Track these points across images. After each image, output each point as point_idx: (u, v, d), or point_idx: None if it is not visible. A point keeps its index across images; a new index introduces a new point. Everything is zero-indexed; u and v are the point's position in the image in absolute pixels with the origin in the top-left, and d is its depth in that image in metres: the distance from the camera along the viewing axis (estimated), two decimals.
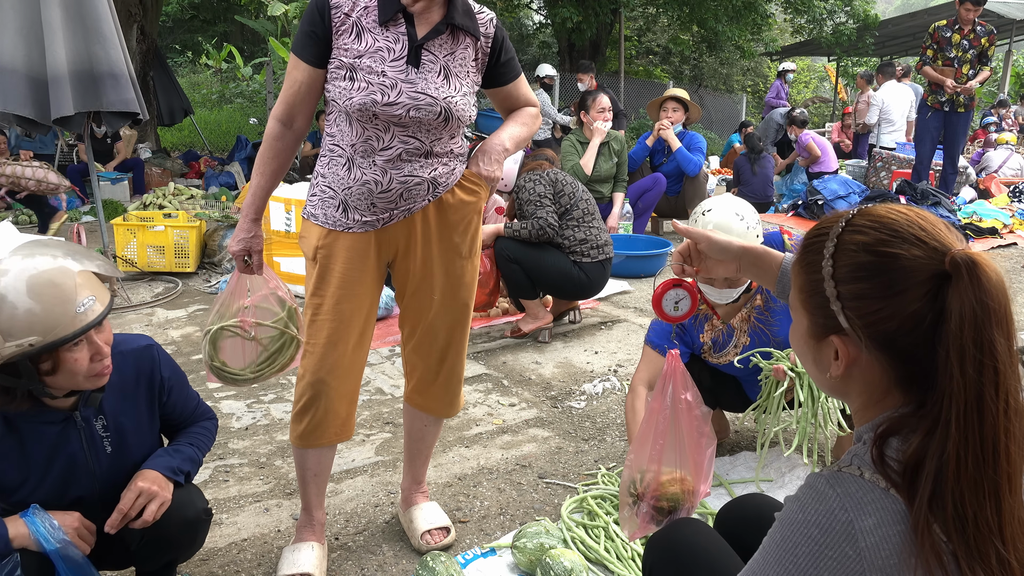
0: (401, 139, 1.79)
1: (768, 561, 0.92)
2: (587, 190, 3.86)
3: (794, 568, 0.89)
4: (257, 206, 1.90)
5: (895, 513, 0.86)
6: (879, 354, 0.91)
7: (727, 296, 2.30)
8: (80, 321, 1.43)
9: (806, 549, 0.88)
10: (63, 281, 1.43)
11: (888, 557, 0.84)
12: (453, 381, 2.11)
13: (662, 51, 21.02)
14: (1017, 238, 6.77)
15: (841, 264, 0.92)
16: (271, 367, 2.10)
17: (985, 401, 0.83)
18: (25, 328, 1.38)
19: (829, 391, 1.04)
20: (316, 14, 1.75)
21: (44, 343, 1.39)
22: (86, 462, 1.60)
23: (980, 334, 0.82)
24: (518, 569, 2.01)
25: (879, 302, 0.89)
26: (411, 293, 1.97)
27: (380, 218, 1.84)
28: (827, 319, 0.95)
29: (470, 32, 1.82)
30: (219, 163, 9.63)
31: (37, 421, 1.54)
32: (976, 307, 0.83)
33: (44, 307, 1.39)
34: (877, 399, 0.96)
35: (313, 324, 1.88)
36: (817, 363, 1.00)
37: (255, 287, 2.03)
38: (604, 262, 3.78)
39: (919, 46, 7.84)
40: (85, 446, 1.60)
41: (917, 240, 0.88)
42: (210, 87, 16.25)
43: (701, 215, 2.32)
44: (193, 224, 5.13)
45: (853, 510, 0.86)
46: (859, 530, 0.85)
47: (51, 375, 1.46)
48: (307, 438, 1.93)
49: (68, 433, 1.58)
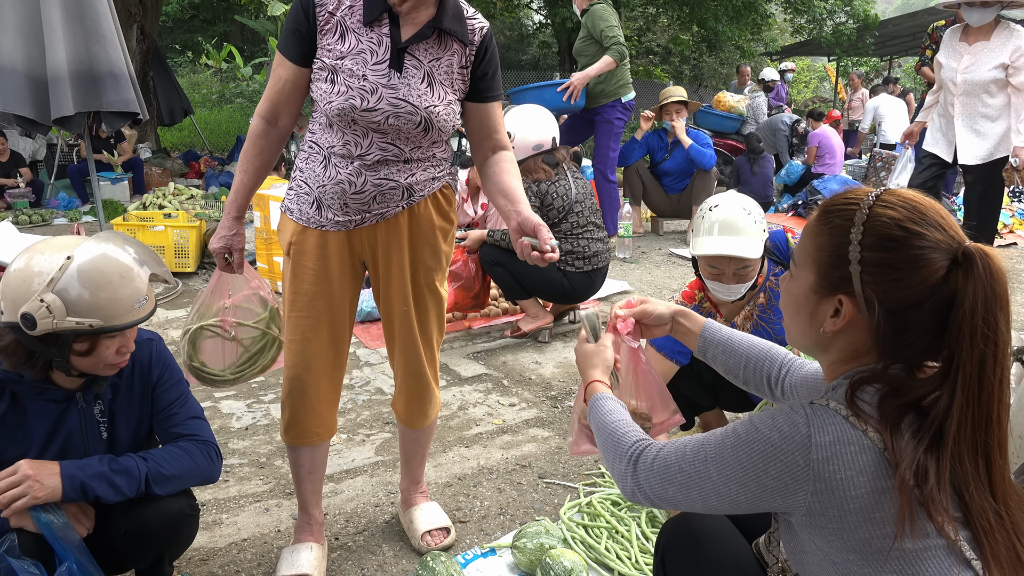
0: (380, 146, 1.75)
1: (726, 444, 1.08)
2: (587, 201, 3.76)
3: (747, 460, 1.04)
4: (240, 204, 1.87)
5: (852, 436, 0.99)
6: (882, 319, 1.02)
7: (735, 292, 2.29)
8: (134, 316, 1.55)
9: (762, 447, 1.03)
10: (134, 278, 1.56)
11: (835, 472, 0.98)
12: (418, 392, 2.03)
13: (662, 51, 21.01)
14: (1017, 238, 6.77)
15: (870, 232, 1.02)
16: (252, 368, 2.07)
17: (986, 373, 0.97)
18: (89, 309, 1.48)
19: (810, 345, 1.16)
20: (301, 12, 1.72)
21: (100, 327, 1.49)
22: (82, 442, 1.64)
23: (988, 314, 0.96)
24: (518, 569, 2.01)
25: (899, 272, 1.00)
26: (382, 300, 1.95)
27: (352, 219, 1.81)
28: (840, 279, 1.05)
29: (458, 38, 1.76)
30: (219, 163, 9.62)
31: (42, 398, 1.60)
32: (987, 292, 0.96)
33: (113, 297, 1.51)
34: (854, 357, 1.09)
35: (290, 319, 1.88)
36: (812, 318, 1.11)
37: (236, 287, 2.00)
38: (592, 272, 3.74)
39: (919, 46, 7.84)
40: (83, 427, 1.64)
41: (939, 226, 1.01)
42: (210, 87, 16.25)
43: (708, 211, 2.31)
44: (193, 224, 5.13)
45: (815, 427, 1.00)
46: (814, 444, 0.99)
47: (80, 356, 1.54)
48: (290, 433, 1.94)
49: (69, 412, 1.63)
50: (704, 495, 1.09)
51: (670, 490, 1.13)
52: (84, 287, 1.47)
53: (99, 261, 1.51)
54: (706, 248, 2.25)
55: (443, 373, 3.46)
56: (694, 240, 2.33)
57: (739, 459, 1.05)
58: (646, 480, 1.15)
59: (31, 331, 1.46)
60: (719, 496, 1.08)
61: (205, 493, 2.40)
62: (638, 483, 1.16)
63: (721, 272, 2.27)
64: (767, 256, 2.37)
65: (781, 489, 1.02)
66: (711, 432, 1.12)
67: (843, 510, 0.98)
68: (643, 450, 1.17)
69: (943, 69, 4.92)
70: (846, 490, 0.97)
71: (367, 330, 3.97)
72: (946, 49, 4.91)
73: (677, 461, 1.12)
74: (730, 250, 2.21)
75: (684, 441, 1.14)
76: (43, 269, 1.47)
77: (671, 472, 1.12)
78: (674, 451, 1.14)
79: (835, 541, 1.00)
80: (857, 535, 0.98)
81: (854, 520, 0.97)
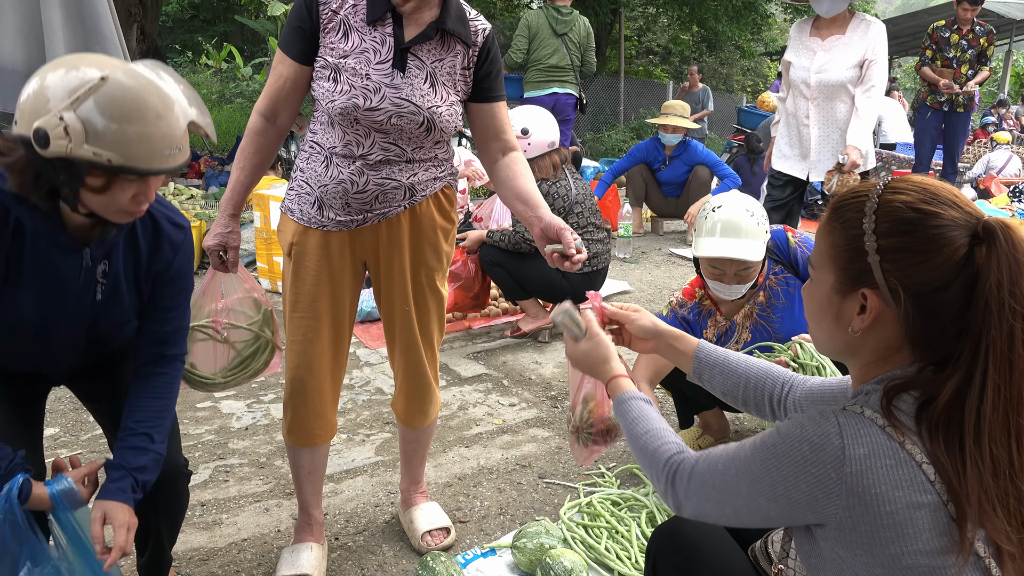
0: (382, 145, 1.75)
1: (754, 459, 1.02)
2: (587, 202, 3.77)
3: (776, 473, 0.99)
4: (236, 201, 1.85)
5: (888, 449, 0.94)
6: (909, 308, 0.97)
7: (736, 292, 2.30)
8: (162, 163, 1.32)
9: (792, 460, 0.98)
10: (174, 119, 1.32)
11: (869, 487, 0.92)
12: (418, 391, 2.03)
13: (662, 51, 21.00)
14: None
15: (883, 219, 0.99)
16: (244, 372, 2.02)
17: (1016, 348, 0.93)
18: (112, 142, 1.26)
19: (839, 348, 1.10)
20: (304, 9, 1.72)
21: (120, 165, 1.28)
22: (76, 294, 1.51)
23: (1015, 287, 0.92)
24: (518, 569, 2.01)
25: (919, 255, 0.96)
26: (383, 300, 1.94)
27: (354, 219, 1.81)
28: (860, 272, 1.01)
29: (461, 39, 1.76)
30: (219, 163, 9.61)
31: (50, 242, 1.44)
32: (1012, 264, 0.92)
33: (143, 133, 1.28)
34: (886, 355, 1.03)
35: (291, 321, 1.87)
36: (838, 319, 1.06)
37: (230, 288, 1.96)
38: (591, 273, 3.74)
39: (919, 46, 7.83)
40: (81, 279, 1.50)
41: (953, 204, 0.97)
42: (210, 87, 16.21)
43: (711, 211, 2.31)
44: (193, 224, 5.13)
45: (849, 438, 0.94)
46: (848, 457, 0.94)
47: (92, 192, 1.34)
48: (294, 435, 1.94)
49: (72, 261, 1.48)
50: (737, 511, 1.06)
51: (707, 507, 1.09)
52: (112, 115, 1.25)
53: (137, 89, 1.27)
54: (708, 250, 2.25)
55: (443, 373, 3.46)
56: (696, 240, 2.33)
57: (768, 472, 1.00)
58: (685, 498, 1.12)
59: (42, 150, 1.26)
60: (750, 512, 1.04)
61: (205, 493, 2.40)
62: (679, 501, 1.13)
63: (722, 273, 2.27)
64: (768, 255, 2.37)
65: (811, 503, 0.97)
66: (743, 443, 1.07)
67: (876, 525, 0.93)
68: (678, 467, 1.13)
69: (793, 69, 4.20)
70: (881, 505, 0.92)
71: (367, 330, 3.96)
72: (795, 46, 4.20)
73: (711, 478, 1.08)
74: (732, 252, 2.21)
75: (718, 454, 1.10)
76: (71, 83, 1.25)
77: (706, 490, 1.08)
78: (708, 466, 1.09)
79: (862, 555, 0.96)
80: (888, 551, 0.93)
81: (886, 536, 0.93)
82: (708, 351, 1.40)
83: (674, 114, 6.11)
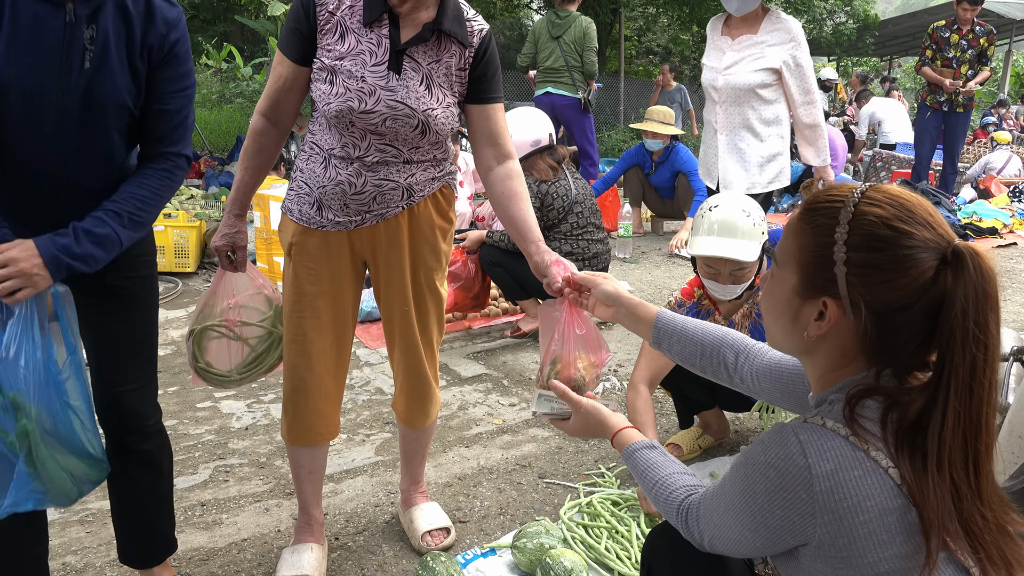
0: (378, 147, 1.75)
1: (733, 490, 1.04)
2: (586, 202, 3.76)
3: (753, 503, 1.00)
4: (241, 201, 1.88)
5: (854, 460, 0.94)
6: (869, 323, 0.98)
7: (731, 292, 2.30)
8: None
9: (763, 488, 0.99)
10: None
11: (841, 501, 0.93)
12: (419, 391, 2.03)
13: (662, 51, 21.00)
14: (1017, 238, 6.77)
15: (856, 232, 0.97)
16: (259, 368, 2.05)
17: (977, 377, 0.93)
18: None
19: (793, 348, 1.11)
20: (301, 11, 1.72)
21: None
22: (60, 57, 1.41)
23: (980, 317, 0.92)
24: (518, 569, 2.02)
25: (886, 274, 0.95)
26: (383, 300, 1.95)
27: (353, 220, 1.81)
28: (825, 281, 1.00)
29: (457, 39, 1.75)
30: (219, 163, 9.61)
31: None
32: (978, 293, 0.92)
33: None
34: (841, 364, 1.04)
35: (290, 320, 1.87)
36: (795, 320, 1.06)
37: (240, 286, 1.98)
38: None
39: (919, 46, 7.84)
40: (64, 43, 1.40)
41: (927, 224, 0.96)
42: (210, 87, 16.21)
43: (708, 211, 2.32)
44: (193, 224, 5.13)
45: (813, 456, 0.95)
46: (816, 475, 0.94)
47: None
48: (294, 434, 1.94)
49: (54, 19, 1.39)
50: (736, 545, 1.07)
51: (717, 544, 1.11)
52: None
53: None
54: (703, 248, 2.26)
55: (443, 373, 3.46)
56: (692, 239, 2.33)
57: (746, 503, 1.01)
58: (699, 537, 1.14)
59: None
60: (744, 545, 1.06)
61: (205, 493, 2.40)
62: (695, 540, 1.15)
63: (717, 272, 2.28)
64: (766, 256, 2.37)
65: (790, 528, 0.97)
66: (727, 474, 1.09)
67: (852, 536, 0.94)
68: (689, 508, 1.16)
69: (704, 71, 3.87)
70: (854, 516, 0.93)
71: (367, 330, 3.97)
72: (708, 46, 3.90)
73: (709, 515, 1.10)
74: (726, 252, 2.22)
75: (712, 491, 1.12)
76: None
77: (711, 528, 1.11)
78: (708, 504, 1.12)
79: (842, 569, 0.96)
80: (865, 559, 0.94)
81: (863, 545, 0.94)
82: (667, 319, 1.43)
83: (654, 120, 6.05)
